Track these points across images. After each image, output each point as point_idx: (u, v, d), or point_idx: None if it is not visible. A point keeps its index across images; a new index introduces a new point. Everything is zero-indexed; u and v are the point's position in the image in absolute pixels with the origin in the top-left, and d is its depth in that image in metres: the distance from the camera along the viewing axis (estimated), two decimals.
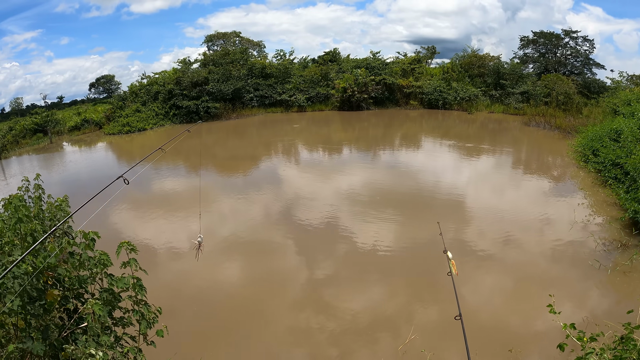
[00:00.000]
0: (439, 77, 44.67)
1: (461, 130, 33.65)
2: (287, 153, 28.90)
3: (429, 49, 52.80)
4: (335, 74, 46.42)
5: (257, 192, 19.65)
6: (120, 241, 5.75)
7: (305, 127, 38.60)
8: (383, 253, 12.79)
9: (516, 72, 42.90)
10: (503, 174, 21.24)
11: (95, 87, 75.34)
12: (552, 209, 15.79)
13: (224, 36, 59.87)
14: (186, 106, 43.15)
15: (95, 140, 40.33)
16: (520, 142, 28.53)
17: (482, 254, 12.47)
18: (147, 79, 48.13)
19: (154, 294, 11.17)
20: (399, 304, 10.21)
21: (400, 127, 36.53)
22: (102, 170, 26.68)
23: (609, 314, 8.78)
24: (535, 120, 33.67)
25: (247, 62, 49.54)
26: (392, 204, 16.98)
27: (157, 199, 19.81)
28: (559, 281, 10.81)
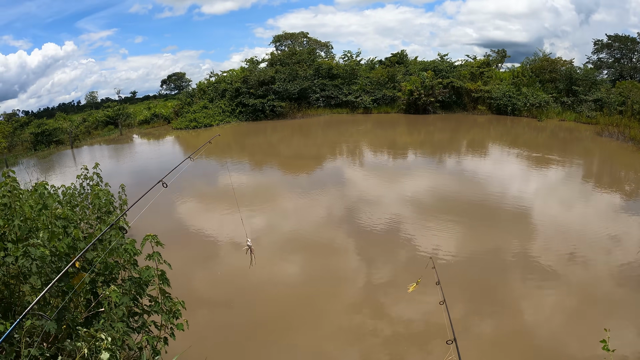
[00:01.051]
0: (509, 81, 43.71)
1: (530, 138, 32.98)
2: (351, 154, 29.29)
3: (499, 53, 51.85)
4: (402, 76, 46.34)
5: (320, 192, 20.11)
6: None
7: (371, 129, 38.81)
8: (443, 262, 12.72)
9: (589, 78, 41.24)
10: (572, 187, 20.72)
11: (167, 84, 77.91)
12: (622, 227, 15.28)
13: (292, 36, 60.74)
14: (252, 104, 44.16)
15: (163, 133, 41.98)
16: (591, 153, 27.73)
17: (545, 270, 12.20)
18: (216, 77, 49.42)
19: (211, 285, 11.80)
20: (455, 315, 10.02)
21: (467, 133, 36.19)
22: (164, 162, 27.71)
23: None
24: (608, 130, 32.41)
25: (314, 62, 50.07)
26: (456, 212, 16.95)
27: (219, 193, 20.71)
28: (622, 308, 10.38)
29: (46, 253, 5.65)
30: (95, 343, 4.99)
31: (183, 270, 12.51)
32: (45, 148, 39.47)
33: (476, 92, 43.45)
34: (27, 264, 5.52)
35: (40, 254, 5.57)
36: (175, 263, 12.57)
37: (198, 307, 10.66)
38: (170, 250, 13.02)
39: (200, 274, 12.73)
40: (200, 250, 14.20)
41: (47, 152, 38.17)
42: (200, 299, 11.22)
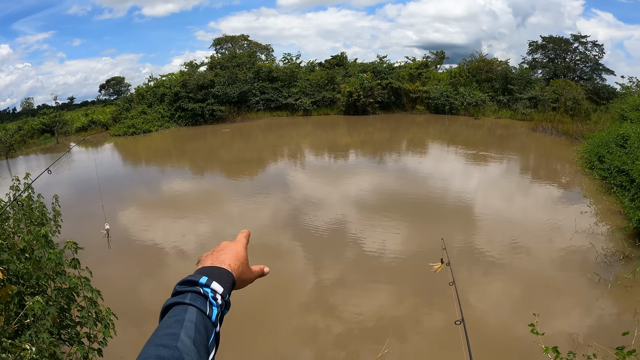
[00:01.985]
0: (446, 81, 44.26)
1: (468, 135, 33.38)
2: (293, 157, 28.85)
3: (437, 54, 52.51)
4: (341, 78, 46.23)
5: (263, 196, 19.55)
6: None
7: (311, 131, 38.50)
8: (389, 259, 12.63)
9: (524, 77, 42.58)
10: (510, 181, 20.96)
11: (105, 89, 75.45)
12: (558, 216, 15.51)
13: (232, 39, 59.92)
14: (191, 109, 43.14)
15: (101, 141, 40.52)
16: (527, 148, 28.22)
17: (490, 260, 12.32)
18: (154, 81, 48.25)
19: (158, 296, 11.17)
20: (406, 309, 10.12)
21: (406, 132, 36.33)
22: (101, 170, 26.60)
23: (605, 333, 8.58)
24: (542, 126, 33.30)
25: (254, 65, 49.42)
26: (400, 209, 16.79)
27: (162, 201, 19.80)
28: (562, 293, 10.55)
29: None
30: (20, 354, 4.54)
31: (129, 281, 11.90)
32: None
33: (414, 93, 43.79)
34: None
35: None
36: (120, 274, 11.88)
37: (146, 317, 9.97)
38: (114, 262, 12.39)
39: (145, 284, 11.98)
40: (145, 259, 13.42)
41: None
42: (147, 310, 10.44)
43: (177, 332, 1.12)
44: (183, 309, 1.21)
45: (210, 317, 1.24)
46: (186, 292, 1.27)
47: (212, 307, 1.26)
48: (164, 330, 1.14)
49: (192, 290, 1.28)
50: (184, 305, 1.23)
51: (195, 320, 1.18)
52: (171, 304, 1.25)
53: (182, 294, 1.27)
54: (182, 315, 1.19)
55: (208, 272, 1.37)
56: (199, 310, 1.22)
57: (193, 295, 1.26)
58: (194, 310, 1.21)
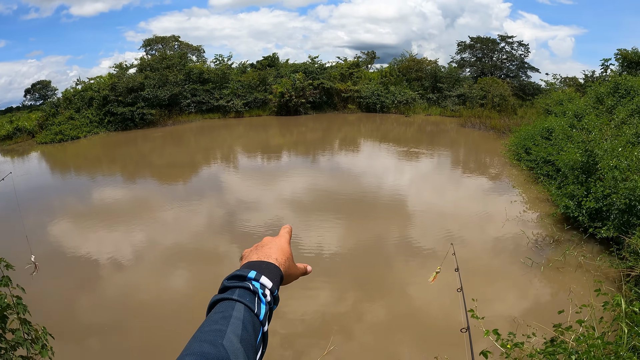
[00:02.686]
0: (377, 81, 44.73)
1: (399, 132, 33.72)
2: (226, 159, 28.30)
3: (368, 54, 52.98)
4: (273, 78, 45.91)
5: (198, 200, 18.90)
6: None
7: (243, 133, 37.97)
8: (328, 257, 12.51)
9: (453, 75, 43.71)
10: (442, 174, 21.30)
11: (31, 93, 72.10)
12: (486, 207, 15.90)
13: (163, 40, 58.59)
14: (121, 113, 41.65)
15: (28, 150, 38.50)
16: (457, 143, 28.77)
17: (426, 252, 12.45)
18: (82, 84, 46.44)
19: (99, 309, 10.57)
20: (347, 306, 10.05)
21: (338, 131, 36.37)
22: (28, 183, 25.33)
23: (543, 313, 8.75)
24: (471, 122, 34.15)
25: (184, 67, 48.39)
26: (336, 208, 16.69)
27: (94, 210, 18.80)
28: (498, 278, 10.86)
29: None
30: None
31: (66, 297, 11.13)
32: None
33: (346, 92, 44.02)
34: None
35: None
36: (55, 290, 11.10)
37: (86, 334, 9.51)
38: (48, 278, 11.61)
39: (82, 299, 11.26)
40: (80, 273, 12.49)
41: None
42: (87, 326, 9.85)
43: (224, 329, 1.07)
44: (230, 305, 1.16)
45: (259, 315, 1.18)
46: (235, 287, 1.22)
47: (260, 304, 1.21)
48: (209, 326, 1.09)
49: (240, 285, 1.22)
50: (232, 301, 1.17)
51: (242, 318, 1.12)
52: (218, 300, 1.20)
53: (230, 289, 1.22)
54: (230, 311, 1.13)
55: (256, 266, 1.33)
56: (247, 308, 1.16)
57: (241, 291, 1.21)
58: (242, 307, 1.15)
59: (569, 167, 13.90)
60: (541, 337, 5.56)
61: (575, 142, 14.73)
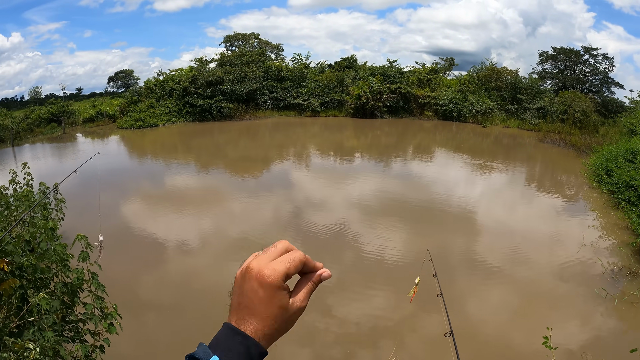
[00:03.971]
0: (455, 88, 44.13)
1: (475, 143, 33.27)
2: (298, 157, 28.82)
3: (447, 61, 52.42)
4: (350, 80, 46.16)
5: (267, 195, 19.64)
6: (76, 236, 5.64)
7: (318, 133, 38.45)
8: (388, 264, 12.63)
9: (533, 87, 42.37)
10: (515, 190, 20.91)
11: (114, 81, 75.46)
12: (563, 228, 15.51)
13: (243, 37, 59.93)
14: (199, 105, 43.15)
15: (108, 133, 40.60)
16: (534, 159, 28.08)
17: (490, 268, 12.33)
18: (163, 75, 48.25)
19: (160, 288, 11.26)
20: (401, 316, 10.02)
21: (413, 137, 36.26)
22: (106, 162, 26.72)
23: (612, 350, 8.52)
24: (550, 137, 33.16)
25: (263, 64, 49.41)
26: (402, 214, 16.80)
27: (167, 195, 19.88)
28: (564, 305, 10.51)
29: None
30: (22, 354, 4.47)
31: (130, 274, 11.95)
32: None
33: (423, 98, 43.66)
34: None
35: None
36: (121, 267, 11.88)
37: (144, 310, 10.26)
38: (115, 254, 12.44)
39: (144, 277, 12.04)
40: (147, 253, 13.44)
41: None
42: (146, 302, 10.68)
43: None
44: None
45: None
46: None
47: None
48: None
49: None
50: None
51: None
52: None
53: None
54: None
55: (222, 345, 1.02)
56: None
57: None
58: None
59: None
60: None
61: None
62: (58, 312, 5.61)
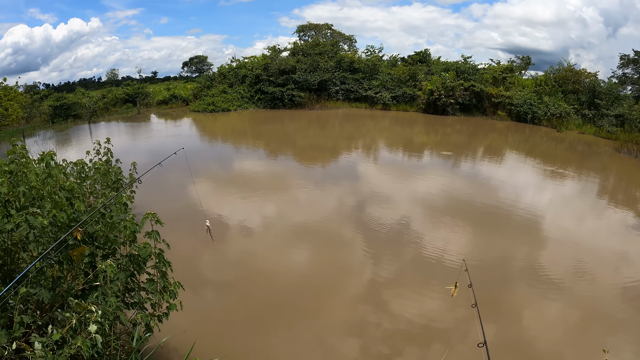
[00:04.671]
0: (531, 89, 43.28)
1: (548, 148, 32.59)
2: (367, 150, 29.20)
3: (523, 59, 51.37)
4: (423, 75, 46.07)
5: (332, 184, 20.23)
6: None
7: (388, 126, 38.61)
8: (449, 264, 12.80)
9: (613, 92, 40.73)
10: (585, 201, 20.46)
11: (188, 66, 78.03)
12: (632, 246, 15.08)
13: (316, 27, 60.61)
14: (271, 92, 44.21)
15: (181, 115, 42.22)
16: (608, 169, 27.31)
17: (551, 281, 12.22)
18: (237, 62, 49.39)
19: (219, 266, 11.94)
20: (458, 319, 10.15)
21: (484, 138, 35.89)
22: (179, 142, 27.81)
23: None
24: (627, 147, 31.91)
25: (336, 54, 49.87)
26: (467, 216, 16.93)
27: (234, 178, 20.94)
28: (623, 329, 10.24)
29: (44, 223, 5.63)
30: (85, 315, 4.98)
31: (193, 251, 12.79)
32: (63, 122, 39.86)
33: (497, 97, 43.09)
34: (24, 233, 5.50)
35: (39, 223, 5.55)
36: (183, 244, 12.59)
37: (201, 288, 10.97)
38: (178, 231, 13.15)
39: (206, 256, 12.83)
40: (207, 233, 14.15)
41: (65, 125, 38.68)
42: (205, 281, 11.44)
43: None
44: None
45: None
46: None
47: None
48: None
49: None
50: None
51: None
52: None
53: None
54: None
55: None
56: None
57: None
58: None
59: None
60: None
61: None
62: (122, 281, 6.15)
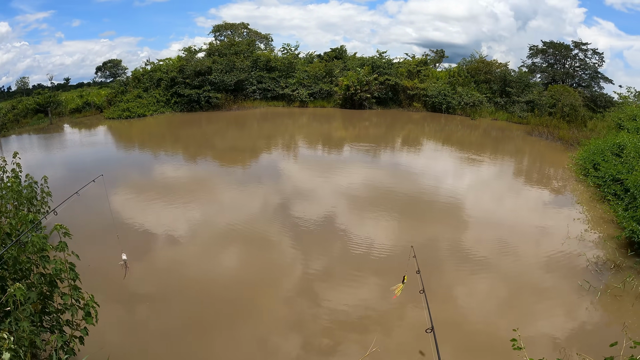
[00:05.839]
0: (445, 80, 44.17)
1: (463, 135, 33.31)
2: (286, 148, 28.72)
3: (437, 53, 52.56)
4: (339, 71, 46.11)
5: (255, 185, 19.60)
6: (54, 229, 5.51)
7: (307, 123, 38.33)
8: (376, 254, 12.70)
9: (523, 80, 42.53)
10: (503, 183, 21.02)
11: (102, 71, 74.93)
12: (549, 221, 15.61)
13: (232, 27, 59.67)
14: (187, 95, 42.86)
15: (95, 123, 40.18)
16: (522, 152, 28.15)
17: (478, 260, 12.46)
18: (151, 65, 47.84)
19: (146, 279, 11.13)
20: (392, 305, 10.05)
21: (402, 129, 36.21)
22: (95, 154, 26.42)
23: (592, 343, 8.66)
24: (538, 130, 33.35)
25: (252, 54, 49.17)
26: (391, 205, 16.81)
27: (155, 185, 19.68)
28: (550, 297, 10.65)
29: None
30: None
31: (116, 264, 11.77)
32: None
33: (412, 90, 43.74)
34: None
35: None
36: (107, 257, 11.61)
37: (134, 301, 10.29)
38: (101, 245, 12.22)
39: (136, 267, 11.82)
40: (135, 243, 13.27)
41: None
42: (136, 294, 10.63)
43: None
44: None
45: None
46: None
47: None
48: None
49: None
50: None
51: None
52: None
53: None
54: None
55: None
56: None
57: None
58: None
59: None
60: None
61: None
62: (36, 303, 5.73)
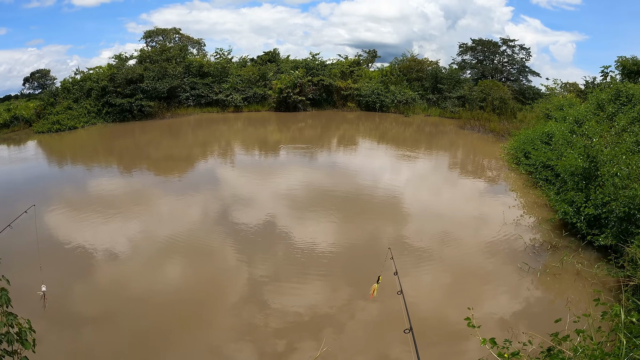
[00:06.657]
0: (378, 80, 44.63)
1: (398, 132, 33.61)
2: (223, 154, 28.12)
3: (369, 53, 52.95)
4: (273, 74, 45.73)
5: (194, 194, 18.85)
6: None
7: (242, 128, 37.81)
8: (321, 254, 12.52)
9: (454, 77, 43.53)
10: (439, 176, 21.26)
11: (30, 82, 71.62)
12: (486, 209, 16.01)
13: (164, 32, 58.29)
14: (119, 104, 41.33)
15: (24, 138, 38.19)
16: (455, 145, 28.66)
17: (421, 251, 12.54)
18: (81, 74, 46.09)
19: (91, 299, 10.49)
20: (340, 302, 10.12)
21: (337, 129, 36.21)
22: (26, 172, 25.11)
23: (538, 321, 8.74)
24: (470, 124, 34.12)
25: (184, 59, 48.15)
26: (331, 205, 16.64)
27: (90, 202, 18.56)
28: (493, 280, 10.99)
29: None
30: None
31: (60, 287, 10.95)
32: None
33: (346, 90, 43.91)
34: None
35: None
36: (50, 281, 10.89)
37: (80, 323, 9.55)
38: (42, 268, 11.44)
39: (76, 288, 11.10)
40: (75, 263, 12.39)
41: None
42: (81, 315, 9.86)
43: None
44: None
45: None
46: None
47: None
48: None
49: None
50: None
51: None
52: None
53: None
54: None
55: None
56: None
57: None
58: None
59: (569, 173, 13.77)
60: (537, 346, 5.44)
61: (575, 148, 14.52)
62: None
